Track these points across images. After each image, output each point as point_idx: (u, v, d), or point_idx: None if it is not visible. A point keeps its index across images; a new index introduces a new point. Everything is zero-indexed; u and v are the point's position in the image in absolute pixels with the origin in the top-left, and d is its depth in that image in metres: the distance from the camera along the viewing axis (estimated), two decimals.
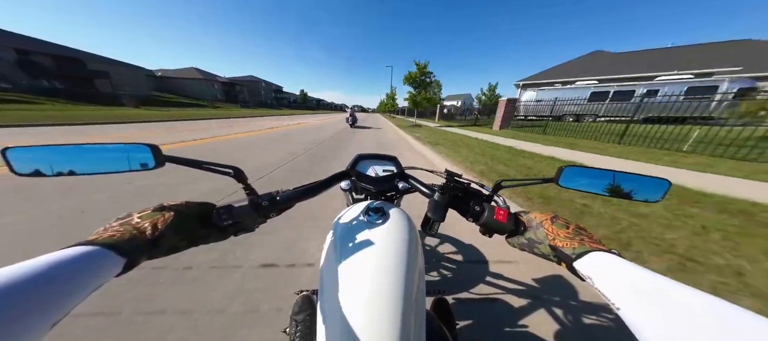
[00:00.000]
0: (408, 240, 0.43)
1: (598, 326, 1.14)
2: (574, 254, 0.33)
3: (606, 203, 2.16)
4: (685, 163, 3.93)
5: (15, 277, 0.19)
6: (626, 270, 0.27)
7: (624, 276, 0.27)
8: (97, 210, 2.05)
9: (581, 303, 1.25)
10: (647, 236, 1.69)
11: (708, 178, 3.08)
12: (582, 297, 1.27)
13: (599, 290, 0.28)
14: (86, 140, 3.09)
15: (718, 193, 2.46)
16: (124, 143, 0.35)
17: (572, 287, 1.33)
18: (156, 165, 0.35)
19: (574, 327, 1.14)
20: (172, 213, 0.34)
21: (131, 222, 0.31)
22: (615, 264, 0.29)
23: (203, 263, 1.38)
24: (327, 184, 0.52)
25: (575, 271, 0.32)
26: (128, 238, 0.28)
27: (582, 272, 0.31)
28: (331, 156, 4.78)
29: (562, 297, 1.27)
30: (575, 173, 0.45)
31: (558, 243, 0.35)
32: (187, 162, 0.36)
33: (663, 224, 1.84)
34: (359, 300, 0.33)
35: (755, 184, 2.85)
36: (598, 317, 1.17)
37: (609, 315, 1.17)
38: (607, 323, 1.14)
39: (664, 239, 1.66)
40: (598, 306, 1.23)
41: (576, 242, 0.34)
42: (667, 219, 1.92)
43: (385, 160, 0.66)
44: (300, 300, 0.65)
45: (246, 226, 0.43)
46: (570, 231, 0.36)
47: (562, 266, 0.35)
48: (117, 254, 0.26)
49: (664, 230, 1.77)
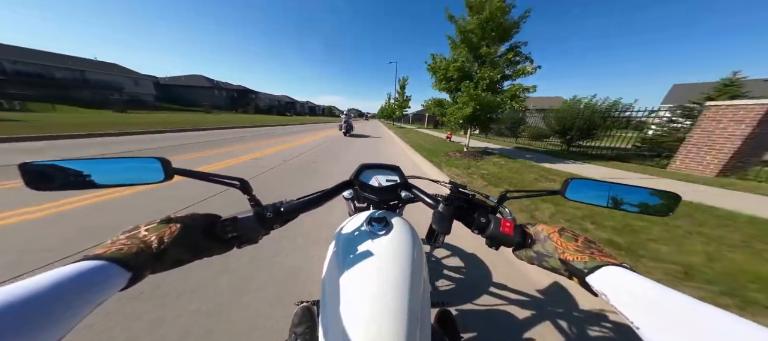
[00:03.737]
0: (412, 251, 0.42)
1: (604, 338, 1.13)
2: (586, 268, 0.31)
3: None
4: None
5: (22, 295, 0.19)
6: (643, 286, 0.26)
7: (641, 292, 0.25)
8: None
9: (586, 313, 1.23)
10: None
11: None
12: (586, 307, 1.26)
13: (616, 307, 0.27)
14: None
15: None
16: (135, 157, 0.35)
17: (574, 297, 1.32)
18: (165, 178, 0.36)
19: (579, 338, 1.12)
20: (179, 226, 0.34)
21: (138, 235, 0.31)
22: (630, 279, 0.27)
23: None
24: (331, 194, 0.51)
25: (588, 286, 0.31)
26: (135, 252, 0.28)
27: (595, 287, 0.30)
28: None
29: (566, 308, 1.25)
30: (582, 185, 0.45)
31: (568, 257, 0.34)
32: (195, 175, 0.37)
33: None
34: (362, 312, 0.32)
35: None
36: (601, 328, 1.16)
37: (613, 327, 1.15)
38: (612, 335, 1.13)
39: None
40: (602, 317, 1.21)
41: (587, 255, 0.33)
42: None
43: (388, 170, 0.66)
44: (300, 312, 0.63)
45: (250, 238, 0.42)
46: (579, 244, 0.35)
47: (574, 281, 0.34)
48: (123, 268, 0.26)
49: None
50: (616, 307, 0.27)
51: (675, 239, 1.95)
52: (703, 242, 1.91)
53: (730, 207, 2.79)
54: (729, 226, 2.26)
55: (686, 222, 2.29)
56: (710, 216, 2.48)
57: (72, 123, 9.00)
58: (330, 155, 6.23)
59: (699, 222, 2.31)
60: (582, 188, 0.45)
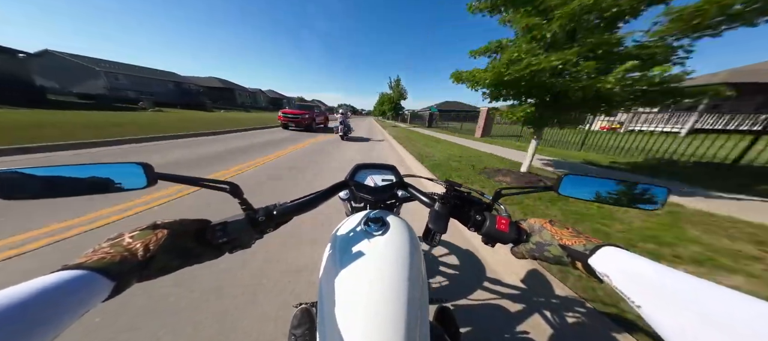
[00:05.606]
0: (409, 250, 0.42)
1: (585, 323, 1.19)
2: (587, 250, 0.32)
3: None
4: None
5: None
6: (641, 265, 0.27)
7: (639, 271, 0.26)
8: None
9: (568, 301, 1.31)
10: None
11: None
12: (570, 295, 1.33)
13: (618, 288, 0.27)
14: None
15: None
16: (116, 163, 0.34)
17: (555, 289, 1.39)
18: (148, 184, 0.35)
19: (572, 327, 1.19)
20: (166, 232, 0.33)
21: (122, 243, 0.30)
22: (628, 259, 0.28)
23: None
24: (326, 195, 0.51)
25: (592, 270, 0.31)
26: (119, 260, 0.27)
27: (599, 270, 0.30)
28: None
29: (551, 298, 1.34)
30: (575, 181, 0.46)
31: (567, 242, 0.35)
32: (182, 179, 0.36)
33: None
34: (360, 312, 0.33)
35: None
36: (584, 315, 1.22)
37: (588, 312, 1.22)
38: (589, 321, 1.19)
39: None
40: (580, 303, 1.28)
41: (583, 239, 0.34)
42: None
43: (384, 169, 0.66)
44: (299, 314, 0.63)
45: (242, 242, 0.42)
46: (572, 231, 0.36)
47: (578, 266, 0.33)
48: (106, 278, 0.25)
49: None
50: (617, 288, 0.27)
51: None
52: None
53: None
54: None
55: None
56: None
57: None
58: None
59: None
60: (575, 184, 0.46)
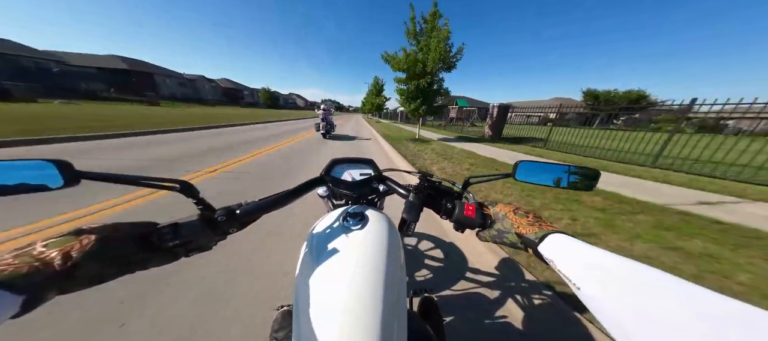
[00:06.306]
0: (387, 243, 0.42)
1: (552, 304, 1.29)
2: (537, 238, 0.35)
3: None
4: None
5: None
6: (580, 249, 0.29)
7: (580, 256, 0.29)
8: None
9: (538, 285, 1.42)
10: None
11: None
12: (541, 279, 1.46)
13: (561, 271, 0.29)
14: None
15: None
16: (19, 160, 0.29)
17: (525, 273, 1.51)
18: (65, 183, 0.31)
19: (541, 308, 1.30)
20: (93, 237, 0.30)
21: (31, 253, 0.27)
22: (571, 245, 0.31)
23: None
24: (298, 192, 0.50)
25: (540, 255, 0.34)
26: (25, 272, 0.25)
27: (545, 255, 0.33)
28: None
29: (522, 282, 1.46)
30: (529, 167, 0.50)
31: (522, 231, 0.38)
32: (115, 178, 0.32)
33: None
34: (336, 309, 0.32)
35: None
36: (551, 296, 1.33)
37: (557, 294, 1.32)
38: (557, 301, 1.29)
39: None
40: (550, 287, 1.38)
41: (536, 227, 0.37)
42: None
43: (361, 163, 0.65)
44: (279, 317, 0.61)
45: (200, 245, 0.39)
46: (530, 219, 0.40)
47: (529, 252, 0.38)
48: (9, 293, 0.23)
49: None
50: (560, 271, 0.29)
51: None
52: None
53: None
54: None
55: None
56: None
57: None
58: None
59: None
60: (529, 170, 0.50)
